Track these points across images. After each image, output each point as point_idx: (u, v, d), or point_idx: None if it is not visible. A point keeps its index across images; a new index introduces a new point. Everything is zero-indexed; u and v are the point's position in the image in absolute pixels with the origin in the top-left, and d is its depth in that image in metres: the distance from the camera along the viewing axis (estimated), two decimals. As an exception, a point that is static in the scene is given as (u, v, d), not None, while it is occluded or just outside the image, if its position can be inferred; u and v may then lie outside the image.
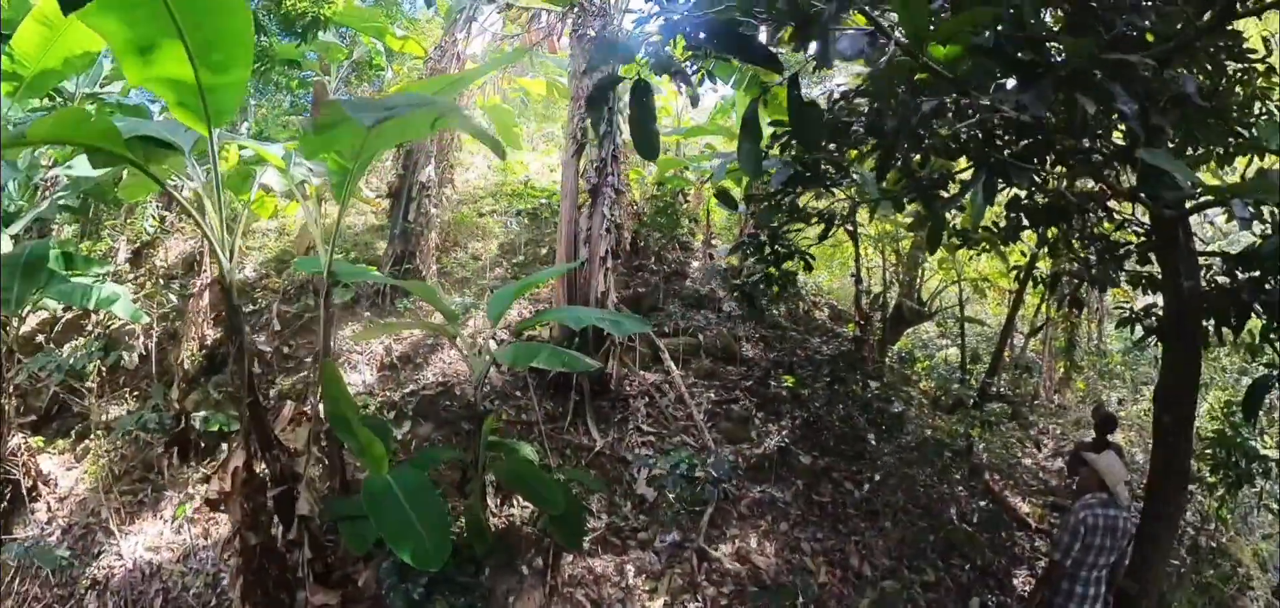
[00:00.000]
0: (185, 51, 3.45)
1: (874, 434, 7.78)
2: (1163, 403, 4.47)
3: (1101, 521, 3.88)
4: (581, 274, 6.68)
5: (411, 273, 7.86)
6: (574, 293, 6.66)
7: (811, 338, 10.07)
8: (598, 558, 5.22)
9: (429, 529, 3.77)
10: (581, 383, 6.49)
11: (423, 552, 3.66)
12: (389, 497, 3.93)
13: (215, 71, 3.60)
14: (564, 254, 6.73)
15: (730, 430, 6.66)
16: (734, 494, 5.90)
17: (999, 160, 3.03)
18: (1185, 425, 4.45)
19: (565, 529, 4.75)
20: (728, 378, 7.52)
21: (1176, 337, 4.36)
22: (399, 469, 4.32)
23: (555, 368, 4.88)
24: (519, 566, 4.97)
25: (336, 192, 4.62)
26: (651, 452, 6.19)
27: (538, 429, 6.28)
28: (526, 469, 4.65)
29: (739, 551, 5.36)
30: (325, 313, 5.20)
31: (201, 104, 3.70)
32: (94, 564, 6.07)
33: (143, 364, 7.94)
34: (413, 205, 7.92)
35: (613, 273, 6.57)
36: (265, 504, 4.47)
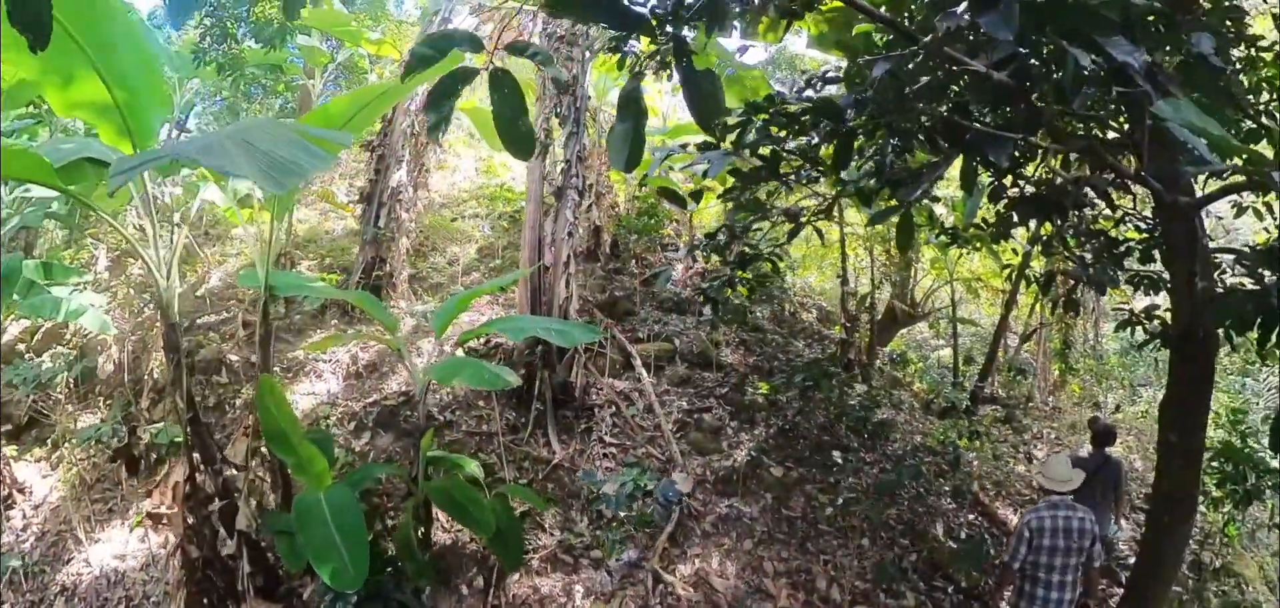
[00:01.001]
0: (100, 79, 3.60)
1: (857, 443, 7.34)
2: (1169, 421, 3.84)
3: (1048, 522, 3.79)
4: (546, 280, 6.32)
5: (383, 279, 7.57)
6: (538, 299, 6.31)
7: (796, 341, 9.62)
8: (546, 577, 4.88)
9: (350, 549, 3.64)
10: (543, 391, 6.14)
11: (342, 572, 3.55)
12: (317, 514, 3.79)
13: (133, 94, 3.72)
14: (528, 259, 6.38)
15: (700, 441, 6.27)
16: (698, 510, 5.50)
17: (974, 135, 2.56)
18: (1195, 448, 3.84)
19: (505, 548, 4.47)
20: (702, 385, 7.12)
21: (1187, 346, 3.75)
22: (334, 486, 4.12)
23: (477, 385, 4.52)
24: (458, 584, 4.67)
25: (271, 207, 4.64)
26: (613, 465, 5.82)
27: (497, 441, 5.94)
28: (459, 488, 4.35)
29: (698, 572, 4.97)
30: (264, 328, 5.03)
31: (124, 125, 3.82)
32: (64, 570, 6.11)
33: (117, 373, 7.76)
34: (384, 211, 7.62)
35: (576, 278, 6.20)
36: (209, 518, 4.35)
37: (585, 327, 5.16)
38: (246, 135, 2.53)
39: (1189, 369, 3.76)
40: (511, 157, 2.29)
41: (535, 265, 6.21)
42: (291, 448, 4.10)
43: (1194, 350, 3.72)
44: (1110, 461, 5.38)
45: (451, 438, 6.08)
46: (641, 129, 2.22)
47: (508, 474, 5.69)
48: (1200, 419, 3.84)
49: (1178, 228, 3.70)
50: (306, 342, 6.87)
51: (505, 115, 2.21)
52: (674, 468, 5.77)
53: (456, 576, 4.81)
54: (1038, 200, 3.99)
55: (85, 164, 4.23)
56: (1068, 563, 3.77)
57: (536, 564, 4.96)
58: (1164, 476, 3.89)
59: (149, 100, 3.80)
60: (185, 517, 4.28)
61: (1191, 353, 3.74)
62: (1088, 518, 3.86)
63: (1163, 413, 3.90)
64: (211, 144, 2.38)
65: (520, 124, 2.24)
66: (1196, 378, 3.75)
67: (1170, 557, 4.01)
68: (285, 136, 2.66)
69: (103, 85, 3.63)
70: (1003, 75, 2.36)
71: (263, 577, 4.45)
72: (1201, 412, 3.83)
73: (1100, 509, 5.22)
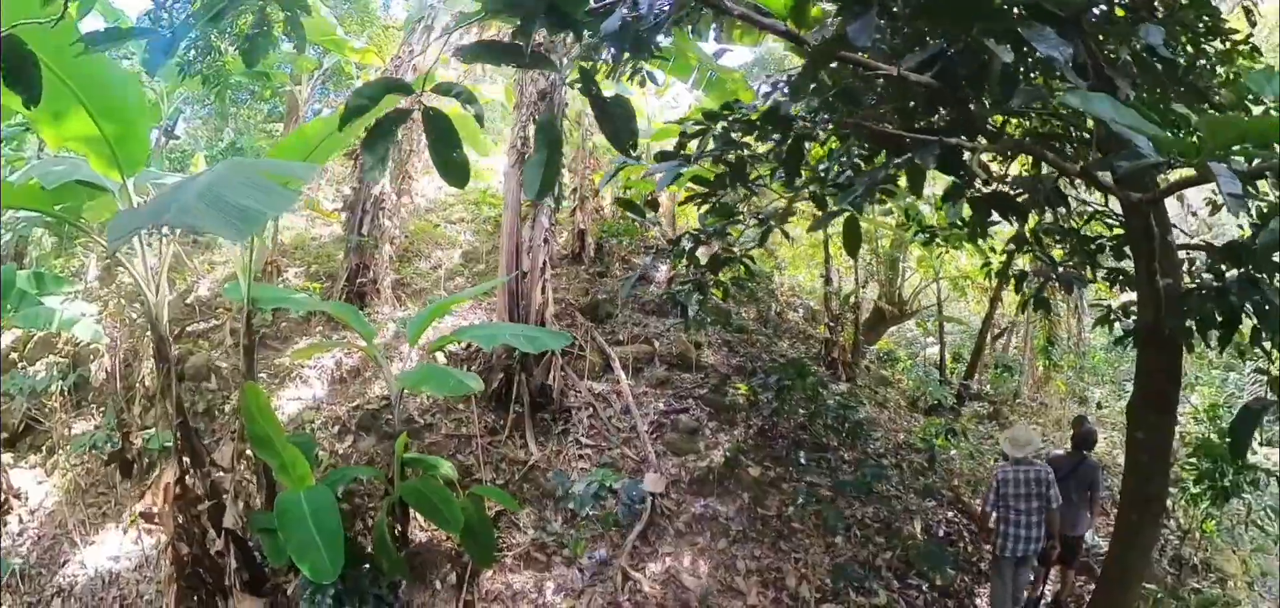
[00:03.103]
0: (89, 115, 3.96)
1: (836, 442, 7.35)
2: (1137, 419, 3.75)
3: (1012, 474, 4.68)
4: (523, 286, 6.37)
5: (367, 286, 7.64)
6: (516, 304, 6.35)
7: (780, 341, 9.64)
8: (519, 574, 4.94)
9: (328, 545, 3.82)
10: (521, 394, 6.19)
11: (320, 566, 3.73)
12: (297, 513, 3.97)
13: (120, 127, 4.08)
14: (506, 265, 6.43)
15: (676, 442, 6.30)
16: (672, 510, 5.54)
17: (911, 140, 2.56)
18: (1162, 446, 3.78)
19: (476, 546, 4.59)
20: (681, 386, 7.16)
21: (1153, 343, 3.70)
22: (314, 487, 4.30)
23: (441, 393, 4.62)
24: (433, 581, 4.75)
25: None
26: (588, 465, 5.86)
27: (475, 442, 5.99)
28: (432, 488, 4.46)
29: (669, 570, 5.01)
30: (248, 338, 5.25)
31: (113, 155, 4.17)
32: (60, 573, 6.26)
33: (109, 381, 7.87)
34: (367, 218, 7.68)
35: (552, 284, 6.24)
36: (198, 518, 4.55)
37: (555, 333, 5.23)
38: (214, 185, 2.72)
39: (1155, 367, 3.70)
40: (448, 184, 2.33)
41: (513, 272, 6.26)
42: (275, 451, 4.30)
43: (1160, 348, 3.68)
44: (1087, 461, 5.33)
45: (432, 440, 6.14)
46: (556, 158, 2.28)
47: (485, 475, 5.74)
48: (1168, 417, 3.78)
49: (1136, 223, 3.67)
50: (293, 349, 6.94)
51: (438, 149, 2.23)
52: (648, 468, 5.80)
53: (431, 572, 4.90)
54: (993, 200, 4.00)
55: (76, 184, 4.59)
56: (1031, 507, 4.61)
57: (510, 562, 5.02)
58: (1132, 475, 3.84)
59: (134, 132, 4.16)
60: (175, 517, 4.45)
61: (1157, 350, 3.69)
62: (1044, 470, 4.65)
63: (1131, 413, 3.86)
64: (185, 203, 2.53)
65: (455, 156, 2.23)
66: (1163, 376, 3.69)
67: (1139, 556, 3.98)
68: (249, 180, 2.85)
69: (91, 120, 3.99)
70: (923, 77, 2.38)
71: (249, 573, 4.63)
72: (1168, 410, 3.77)
73: (1076, 510, 5.21)
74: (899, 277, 11.42)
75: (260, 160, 4.92)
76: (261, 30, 3.28)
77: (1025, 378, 9.70)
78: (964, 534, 6.61)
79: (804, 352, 9.89)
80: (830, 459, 6.96)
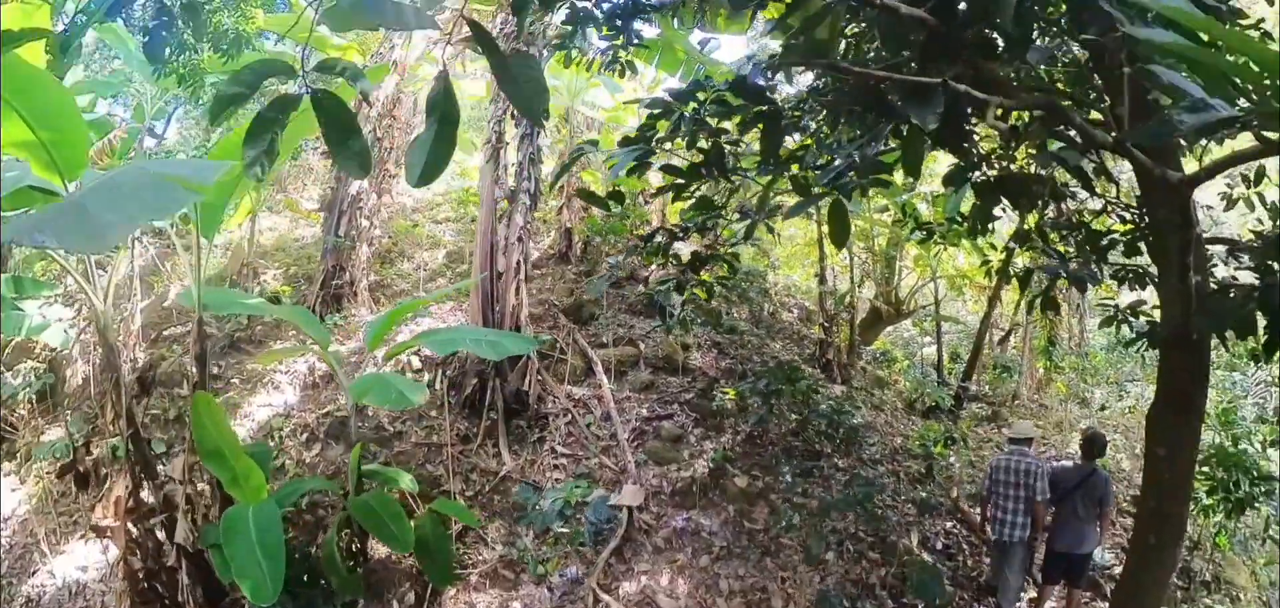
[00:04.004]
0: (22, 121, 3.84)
1: (830, 448, 6.87)
2: (1158, 432, 3.32)
3: (1004, 462, 4.78)
4: (498, 287, 5.94)
5: (343, 288, 7.23)
6: (490, 307, 5.92)
7: (773, 342, 9.16)
8: (484, 593, 4.53)
9: (269, 563, 3.64)
10: (495, 400, 5.76)
11: (260, 587, 3.53)
12: (242, 528, 3.80)
13: (55, 132, 3.94)
14: (479, 265, 6.01)
15: (658, 450, 5.85)
16: (650, 524, 5.09)
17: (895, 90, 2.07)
18: (1185, 461, 3.32)
19: (432, 565, 4.30)
20: (667, 391, 6.71)
21: (1178, 347, 3.22)
22: (264, 502, 4.09)
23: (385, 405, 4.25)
24: (391, 600, 4.36)
25: (201, 227, 4.72)
26: (563, 476, 5.42)
27: (446, 451, 5.57)
28: (382, 503, 4.16)
29: (645, 591, 4.57)
30: (199, 346, 4.94)
31: (51, 160, 4.01)
32: (29, 582, 6.08)
33: (82, 388, 7.52)
34: (344, 219, 7.28)
35: (527, 285, 5.80)
36: (152, 532, 4.41)
37: (521, 337, 4.81)
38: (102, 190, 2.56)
39: (1180, 375, 3.25)
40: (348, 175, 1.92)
41: (485, 273, 5.83)
42: (226, 463, 4.11)
43: (1186, 354, 3.20)
44: (1096, 473, 4.80)
45: (400, 449, 5.72)
46: (447, 135, 1.83)
47: (454, 487, 5.32)
48: (1192, 431, 3.32)
49: (1167, 212, 3.14)
50: (263, 353, 6.54)
51: (333, 135, 1.91)
52: (627, 479, 5.36)
53: (389, 591, 4.51)
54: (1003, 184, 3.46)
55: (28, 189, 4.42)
56: (1018, 495, 4.67)
57: (475, 580, 4.63)
58: (1151, 492, 3.39)
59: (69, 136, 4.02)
60: (128, 530, 4.30)
61: (1184, 355, 3.22)
62: (1034, 463, 4.73)
63: (1150, 423, 3.39)
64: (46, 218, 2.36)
65: (352, 144, 1.90)
66: (1189, 384, 3.23)
67: (1155, 581, 3.49)
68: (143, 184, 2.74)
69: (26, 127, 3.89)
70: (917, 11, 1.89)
71: (204, 588, 4.37)
72: (1193, 422, 3.31)
73: (1083, 525, 4.72)
74: (896, 276, 10.93)
75: (168, 162, 4.81)
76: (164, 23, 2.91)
77: (1025, 379, 9.18)
78: (963, 547, 6.11)
79: (798, 353, 9.41)
80: (823, 467, 6.49)
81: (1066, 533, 4.75)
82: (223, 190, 4.69)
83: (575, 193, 5.85)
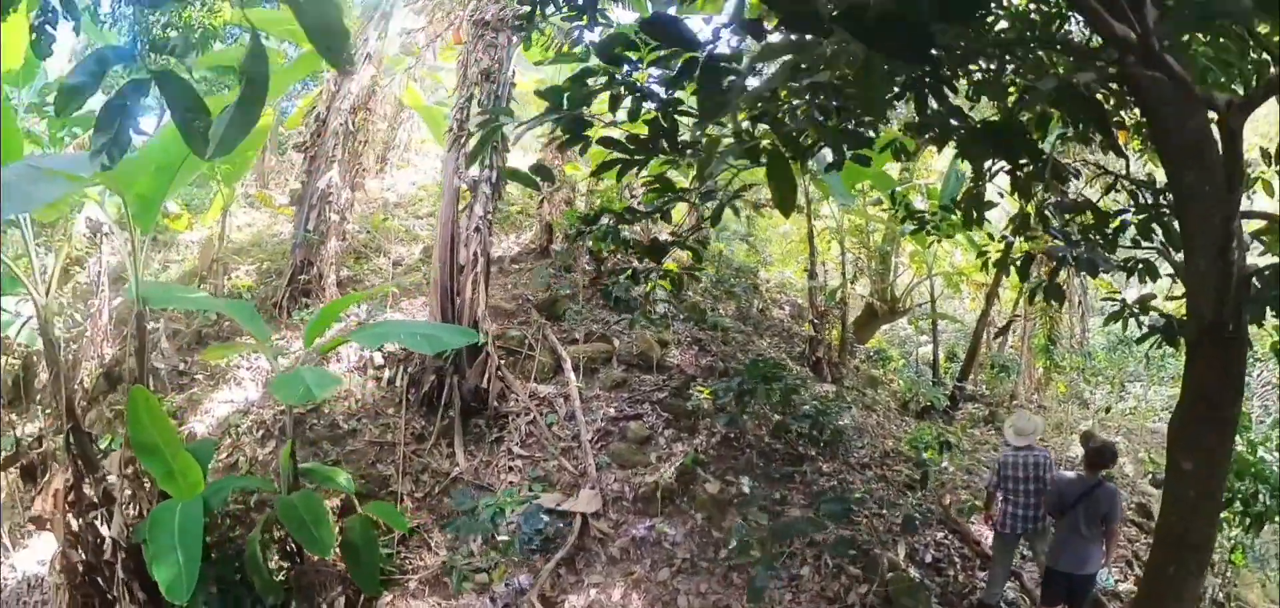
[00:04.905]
0: None
1: (815, 451, 6.37)
2: (1184, 443, 2.78)
3: (1012, 458, 4.56)
4: (458, 281, 5.55)
5: (311, 282, 6.90)
6: (449, 302, 5.54)
7: (761, 340, 8.68)
8: (421, 601, 4.16)
9: (187, 561, 3.56)
10: (451, 397, 5.37)
11: (175, 584, 3.46)
12: (166, 525, 3.73)
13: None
14: (439, 258, 5.62)
15: (623, 452, 5.41)
16: (606, 533, 4.65)
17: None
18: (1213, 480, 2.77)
19: (359, 570, 4.06)
20: (639, 389, 6.26)
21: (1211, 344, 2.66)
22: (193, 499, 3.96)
23: (295, 403, 4.17)
24: (320, 603, 4.12)
25: (138, 220, 4.67)
26: (518, 478, 5.01)
27: (398, 451, 5.19)
28: (308, 506, 3.93)
29: (593, 604, 4.13)
30: (139, 340, 4.96)
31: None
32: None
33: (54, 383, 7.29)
34: (313, 213, 6.95)
35: (484, 279, 5.40)
36: (93, 525, 4.31)
37: (461, 330, 4.45)
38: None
39: (1211, 375, 2.69)
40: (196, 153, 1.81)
41: (445, 265, 5.44)
42: (162, 459, 4.04)
43: (1220, 351, 2.64)
44: (1102, 486, 4.17)
45: (353, 447, 5.36)
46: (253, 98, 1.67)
47: (403, 488, 4.95)
48: (1224, 443, 2.77)
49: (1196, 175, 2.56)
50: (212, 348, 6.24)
51: (179, 115, 1.89)
52: (586, 483, 4.93)
53: (319, 593, 4.19)
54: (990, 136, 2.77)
55: None
56: (1028, 489, 4.47)
57: (414, 586, 4.28)
58: (1173, 513, 2.83)
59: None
60: (67, 522, 4.22)
61: (1216, 354, 2.66)
62: (1042, 456, 4.58)
63: (1174, 433, 2.83)
64: None
65: (196, 123, 1.88)
66: (1222, 387, 2.68)
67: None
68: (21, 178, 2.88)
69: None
70: None
71: (141, 583, 4.19)
72: (1226, 432, 2.76)
73: (1086, 544, 4.13)
74: (892, 273, 10.38)
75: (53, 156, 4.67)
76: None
77: (1023, 378, 8.59)
78: (955, 561, 5.52)
79: (788, 351, 8.92)
80: (805, 472, 6.00)
81: (1068, 553, 4.15)
82: (157, 184, 4.53)
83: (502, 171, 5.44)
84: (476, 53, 5.95)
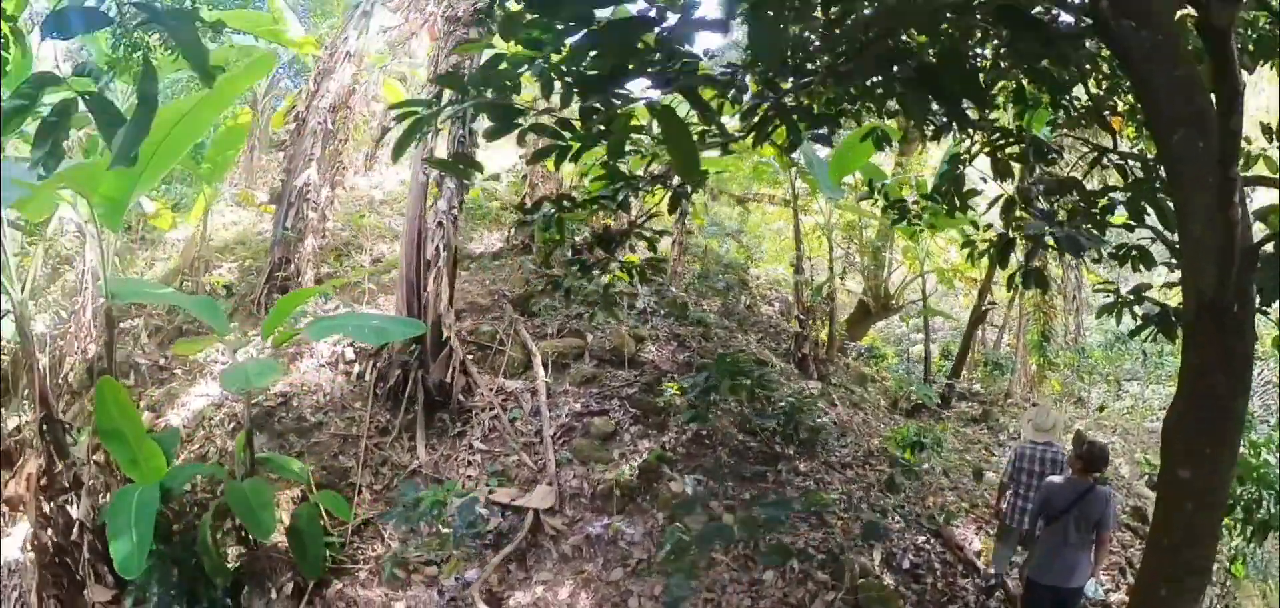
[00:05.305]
0: None
1: (792, 450, 6.18)
2: (1180, 448, 2.37)
3: (1029, 450, 4.55)
4: (424, 277, 5.49)
5: (289, 279, 6.90)
6: (415, 296, 5.48)
7: (747, 336, 8.50)
8: (371, 590, 4.15)
9: (140, 541, 3.74)
10: (415, 392, 5.31)
11: (128, 562, 3.66)
12: (125, 508, 3.90)
13: None
14: (405, 254, 5.57)
15: (585, 448, 5.30)
16: (560, 530, 4.55)
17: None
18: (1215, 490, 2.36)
19: (304, 556, 4.11)
20: (609, 385, 6.15)
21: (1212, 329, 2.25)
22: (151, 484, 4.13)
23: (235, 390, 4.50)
24: (270, 587, 4.19)
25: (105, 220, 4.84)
26: (476, 473, 4.93)
27: (361, 444, 5.15)
28: (255, 492, 4.00)
29: (539, 602, 4.03)
30: (107, 334, 5.17)
31: None
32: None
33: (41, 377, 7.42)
34: (292, 211, 6.96)
35: (445, 273, 5.33)
36: (64, 508, 4.49)
37: (409, 322, 4.42)
38: None
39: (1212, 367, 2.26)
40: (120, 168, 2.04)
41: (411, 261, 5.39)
42: (126, 446, 4.19)
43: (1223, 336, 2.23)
44: (1094, 490, 3.84)
45: (318, 439, 5.33)
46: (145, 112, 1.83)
47: (364, 480, 4.90)
48: (1227, 447, 2.33)
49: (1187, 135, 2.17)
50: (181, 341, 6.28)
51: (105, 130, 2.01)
52: (543, 479, 4.83)
53: (270, 578, 4.25)
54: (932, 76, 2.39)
55: None
56: (1038, 485, 4.27)
57: (364, 576, 4.26)
58: (1167, 527, 2.42)
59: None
60: (38, 504, 4.41)
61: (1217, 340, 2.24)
62: (1058, 452, 4.51)
63: (1169, 436, 2.42)
64: None
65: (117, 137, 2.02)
66: (1225, 380, 2.25)
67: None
68: None
69: None
70: None
71: (107, 562, 4.33)
72: (1230, 435, 2.32)
73: (1077, 554, 3.83)
74: (885, 269, 10.12)
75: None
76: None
77: (1017, 376, 8.29)
78: (935, 567, 5.26)
79: (774, 348, 8.73)
80: (780, 471, 5.83)
81: (1054, 564, 3.84)
82: (122, 185, 4.63)
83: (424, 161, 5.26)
84: (448, 49, 5.89)
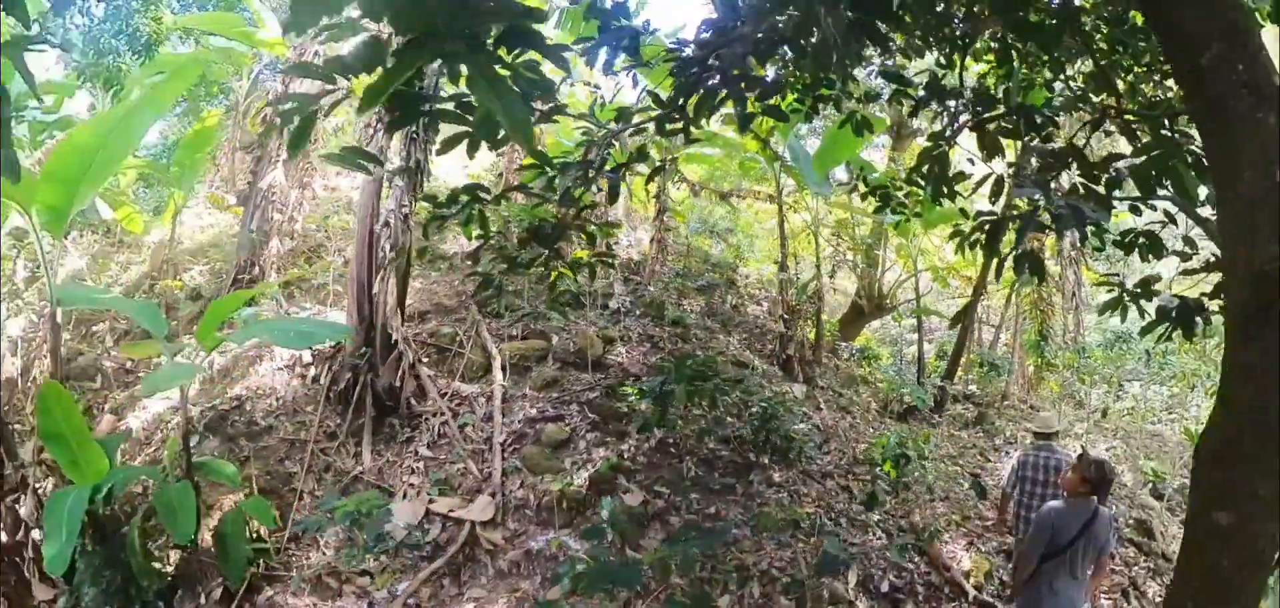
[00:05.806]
0: None
1: (768, 458, 5.85)
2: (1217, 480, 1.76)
3: (1032, 458, 4.40)
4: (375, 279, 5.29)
5: (254, 281, 6.78)
6: (365, 298, 5.29)
7: (728, 337, 8.17)
8: (300, 598, 3.95)
9: (67, 538, 3.76)
10: (364, 397, 5.12)
11: (55, 560, 3.68)
12: (60, 509, 3.91)
13: None
14: (357, 254, 5.38)
15: (534, 456, 5.04)
16: (499, 544, 4.29)
17: None
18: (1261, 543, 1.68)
19: (227, 562, 4.00)
20: (570, 389, 5.88)
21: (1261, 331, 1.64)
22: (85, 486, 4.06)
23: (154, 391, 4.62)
24: (200, 592, 4.10)
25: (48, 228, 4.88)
26: (418, 480, 4.71)
27: (308, 449, 4.97)
28: (177, 497, 3.91)
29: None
30: (53, 339, 5.11)
31: None
32: None
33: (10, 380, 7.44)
34: (258, 213, 6.84)
35: (392, 275, 5.12)
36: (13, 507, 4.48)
37: (335, 325, 4.24)
38: None
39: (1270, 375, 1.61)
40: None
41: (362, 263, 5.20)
42: (67, 448, 4.18)
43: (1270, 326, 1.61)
44: (1099, 516, 3.39)
45: (266, 443, 5.17)
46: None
47: (306, 486, 4.72)
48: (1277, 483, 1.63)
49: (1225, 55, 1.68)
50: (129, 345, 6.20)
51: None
52: (486, 488, 4.59)
53: (200, 583, 4.17)
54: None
55: None
56: (1047, 493, 4.22)
57: (296, 584, 4.05)
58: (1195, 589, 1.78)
59: None
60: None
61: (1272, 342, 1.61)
62: (1064, 456, 4.31)
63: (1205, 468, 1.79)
64: None
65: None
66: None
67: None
68: None
69: None
70: None
71: None
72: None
73: (1079, 586, 3.40)
74: (878, 268, 9.71)
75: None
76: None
77: (1014, 378, 7.82)
78: (917, 590, 4.84)
79: (758, 349, 8.39)
80: (753, 482, 5.51)
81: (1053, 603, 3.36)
82: (63, 194, 4.70)
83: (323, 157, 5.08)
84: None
